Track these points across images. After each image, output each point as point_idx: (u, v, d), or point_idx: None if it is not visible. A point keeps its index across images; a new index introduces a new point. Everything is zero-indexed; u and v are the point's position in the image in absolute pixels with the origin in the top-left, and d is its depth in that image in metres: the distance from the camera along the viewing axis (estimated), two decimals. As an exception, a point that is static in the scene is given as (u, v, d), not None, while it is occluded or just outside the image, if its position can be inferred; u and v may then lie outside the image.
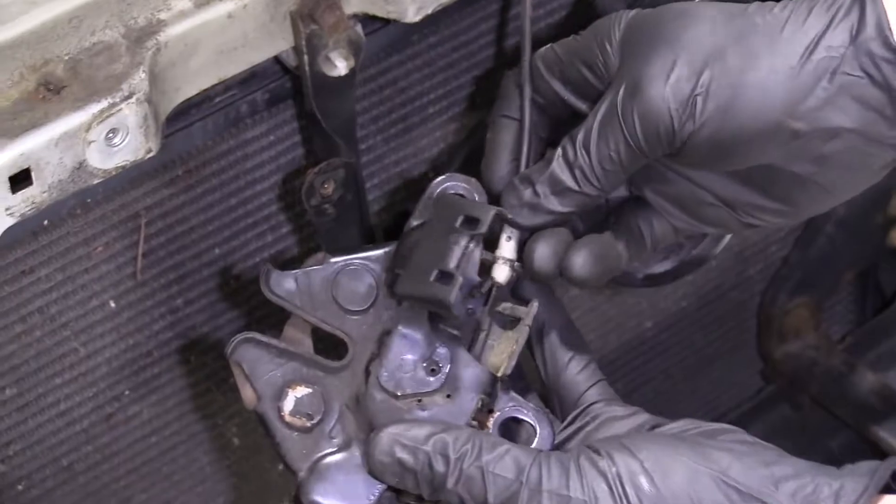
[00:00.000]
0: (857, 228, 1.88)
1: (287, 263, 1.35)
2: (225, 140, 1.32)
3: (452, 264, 1.22)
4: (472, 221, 1.24)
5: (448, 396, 1.25)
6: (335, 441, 1.25)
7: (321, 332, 1.28)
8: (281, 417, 1.23)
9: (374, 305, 1.27)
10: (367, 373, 1.26)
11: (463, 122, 1.45)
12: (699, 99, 1.18)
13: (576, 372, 1.32)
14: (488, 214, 1.24)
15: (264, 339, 1.23)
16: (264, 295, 1.25)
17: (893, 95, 1.17)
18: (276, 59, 1.28)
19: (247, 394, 1.23)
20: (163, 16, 1.20)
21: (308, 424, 1.24)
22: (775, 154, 1.21)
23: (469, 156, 1.43)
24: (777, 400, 1.98)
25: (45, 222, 1.24)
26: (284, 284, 1.26)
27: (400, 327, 1.25)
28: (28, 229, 1.22)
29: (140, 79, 1.17)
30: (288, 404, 1.23)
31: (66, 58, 1.17)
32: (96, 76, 1.17)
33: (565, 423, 1.30)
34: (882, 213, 1.90)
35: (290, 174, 1.38)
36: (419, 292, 1.23)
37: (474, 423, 1.25)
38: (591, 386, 1.32)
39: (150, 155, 1.19)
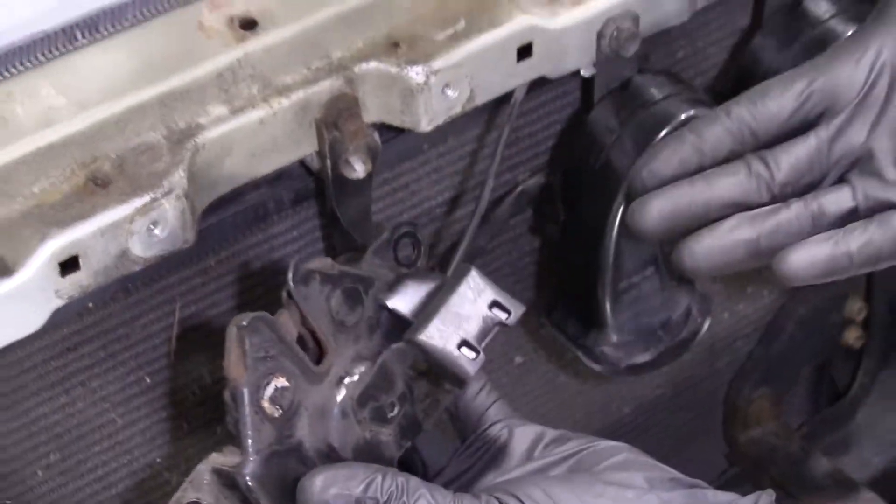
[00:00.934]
0: (815, 327, 1.88)
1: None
2: (253, 234, 1.32)
3: (481, 342, 1.21)
4: (500, 309, 1.22)
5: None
6: (290, 440, 1.17)
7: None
8: (257, 400, 1.15)
9: (359, 326, 1.22)
10: (338, 388, 1.21)
11: (464, 223, 1.45)
12: None
13: (474, 394, 1.28)
14: (520, 311, 1.22)
15: (272, 326, 1.16)
16: (289, 287, 1.17)
17: None
18: (301, 163, 1.28)
19: (236, 367, 1.15)
20: (201, 120, 1.20)
21: (276, 415, 1.16)
22: None
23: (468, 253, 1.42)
24: (741, 481, 1.96)
25: (90, 304, 1.23)
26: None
27: (386, 362, 1.21)
28: (74, 311, 1.21)
29: (179, 177, 1.16)
30: (269, 391, 1.15)
31: (113, 156, 1.17)
32: (140, 173, 1.16)
33: (468, 442, 1.27)
34: (839, 314, 1.90)
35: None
36: (438, 352, 1.20)
37: None
38: (490, 406, 1.28)
39: (187, 246, 1.19)
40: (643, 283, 1.47)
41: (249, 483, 1.13)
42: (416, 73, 1.23)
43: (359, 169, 1.26)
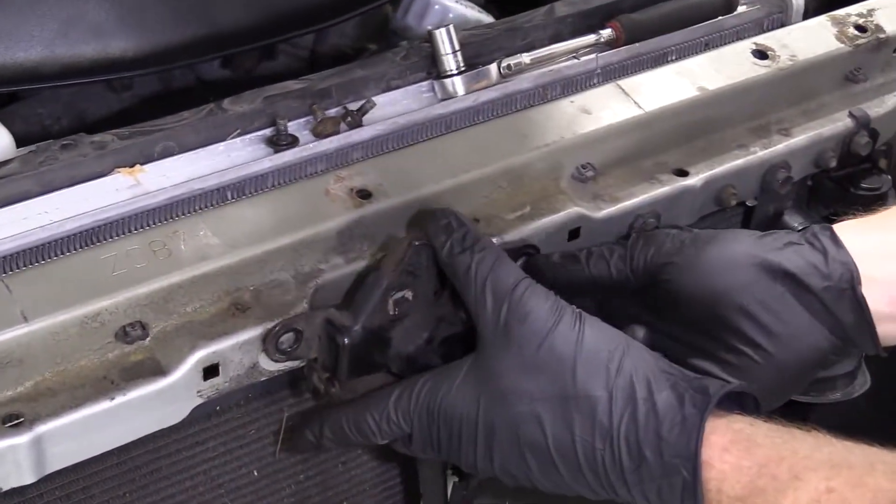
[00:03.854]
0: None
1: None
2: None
3: None
4: None
5: None
6: (385, 335, 1.08)
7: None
8: (387, 296, 1.07)
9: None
10: (437, 324, 1.11)
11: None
12: None
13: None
14: None
15: (429, 257, 1.08)
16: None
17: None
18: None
19: (390, 266, 1.07)
20: (322, 266, 1.09)
21: (390, 313, 1.07)
22: None
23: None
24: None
25: (217, 408, 1.12)
26: None
27: None
28: (206, 412, 1.09)
29: (303, 308, 1.06)
30: (398, 295, 1.07)
31: (252, 288, 1.07)
32: (272, 303, 1.06)
33: None
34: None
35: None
36: None
37: None
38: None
39: (301, 365, 1.08)
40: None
41: (346, 341, 1.06)
42: (490, 243, 1.13)
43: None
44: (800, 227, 1.32)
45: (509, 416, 1.02)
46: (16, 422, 0.95)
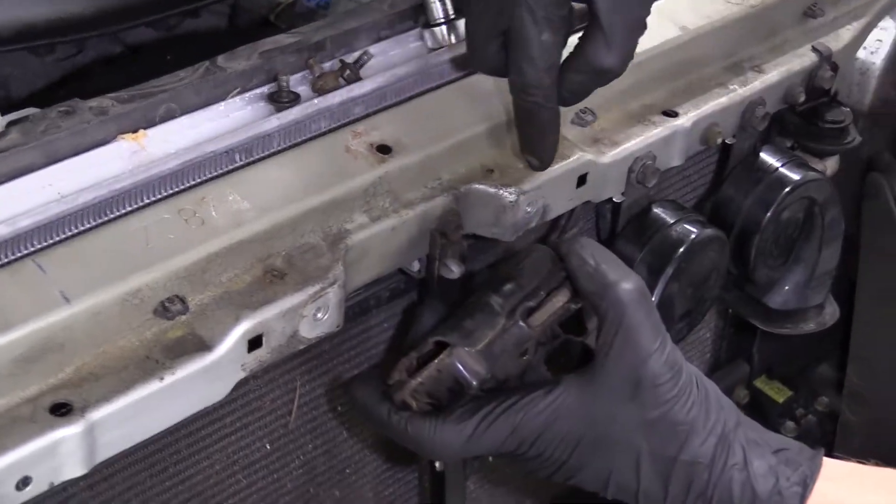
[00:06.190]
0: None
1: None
2: (357, 325, 1.16)
3: None
4: None
5: None
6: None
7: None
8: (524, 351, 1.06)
9: None
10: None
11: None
12: None
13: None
14: None
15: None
16: None
17: None
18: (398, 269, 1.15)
19: (541, 319, 1.06)
20: (348, 226, 1.05)
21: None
22: None
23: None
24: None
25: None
26: None
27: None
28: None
29: (340, 270, 1.01)
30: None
31: (283, 253, 1.01)
32: (307, 267, 1.01)
33: None
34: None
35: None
36: None
37: None
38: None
39: (338, 329, 1.03)
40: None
41: (474, 385, 1.03)
42: (509, 193, 1.10)
43: (455, 270, 1.12)
44: (778, 165, 1.34)
45: (607, 455, 1.02)
46: (65, 410, 0.89)
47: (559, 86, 1.05)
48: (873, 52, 1.52)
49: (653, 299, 1.14)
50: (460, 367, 1.03)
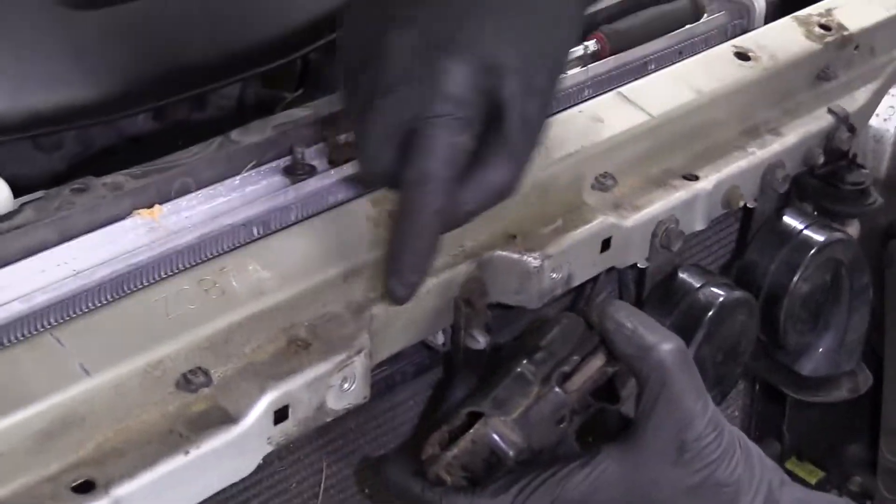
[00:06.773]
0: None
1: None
2: (383, 402, 1.13)
3: None
4: None
5: None
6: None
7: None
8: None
9: None
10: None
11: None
12: None
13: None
14: None
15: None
16: None
17: None
18: (423, 343, 1.12)
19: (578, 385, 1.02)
20: (372, 295, 1.02)
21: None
22: None
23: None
24: None
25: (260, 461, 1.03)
26: None
27: None
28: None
29: (366, 338, 0.99)
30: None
31: (306, 323, 0.99)
32: (331, 337, 0.98)
33: None
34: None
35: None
36: None
37: None
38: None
39: (365, 401, 1.00)
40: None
41: (511, 455, 1.00)
42: (533, 259, 1.08)
43: (481, 341, 1.09)
44: (802, 227, 1.32)
45: None
46: (88, 488, 0.86)
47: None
48: (886, 119, 1.51)
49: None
50: (496, 438, 1.00)
